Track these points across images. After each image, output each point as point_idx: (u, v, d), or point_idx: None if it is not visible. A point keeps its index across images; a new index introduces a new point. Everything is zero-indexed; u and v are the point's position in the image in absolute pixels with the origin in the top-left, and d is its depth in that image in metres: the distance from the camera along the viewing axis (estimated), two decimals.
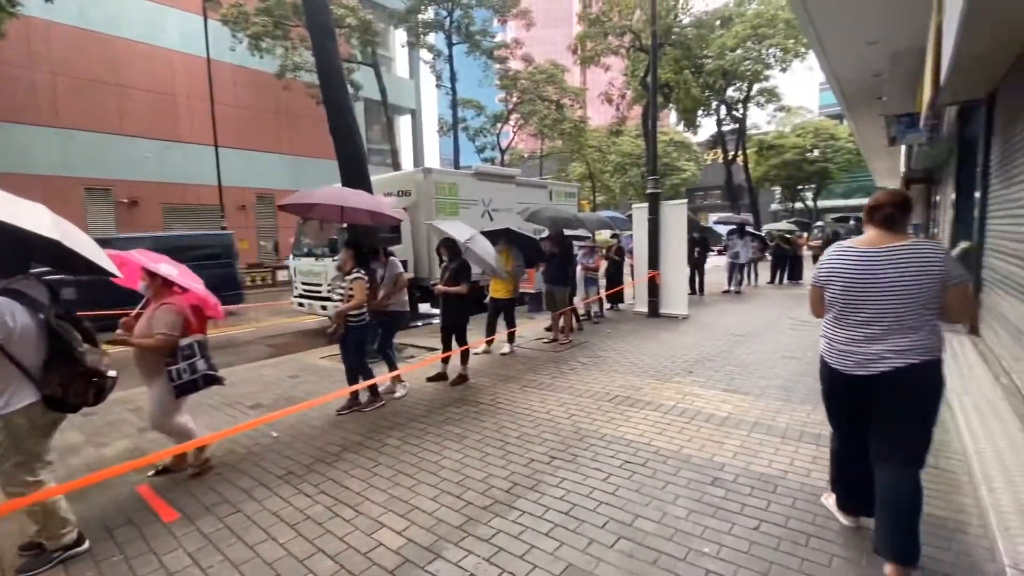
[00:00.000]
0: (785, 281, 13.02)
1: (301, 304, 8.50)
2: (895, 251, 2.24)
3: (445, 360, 5.13)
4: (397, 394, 4.72)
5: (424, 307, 9.01)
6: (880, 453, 2.26)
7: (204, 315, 3.15)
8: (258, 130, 19.82)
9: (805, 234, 14.36)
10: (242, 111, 19.29)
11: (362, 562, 2.51)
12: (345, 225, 5.19)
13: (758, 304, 10.20)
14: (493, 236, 6.24)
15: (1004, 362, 4.49)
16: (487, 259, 5.02)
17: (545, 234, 7.55)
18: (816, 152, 30.15)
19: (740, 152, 26.19)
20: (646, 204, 9.18)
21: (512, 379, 5.29)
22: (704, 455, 3.39)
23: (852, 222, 13.78)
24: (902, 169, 15.42)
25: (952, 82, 5.15)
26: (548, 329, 7.62)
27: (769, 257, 13.98)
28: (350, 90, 13.43)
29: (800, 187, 33.02)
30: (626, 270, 10.19)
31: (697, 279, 11.64)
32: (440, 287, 4.94)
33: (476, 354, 6.27)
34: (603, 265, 9.34)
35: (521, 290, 9.12)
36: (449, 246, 4.98)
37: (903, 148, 13.32)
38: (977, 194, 5.99)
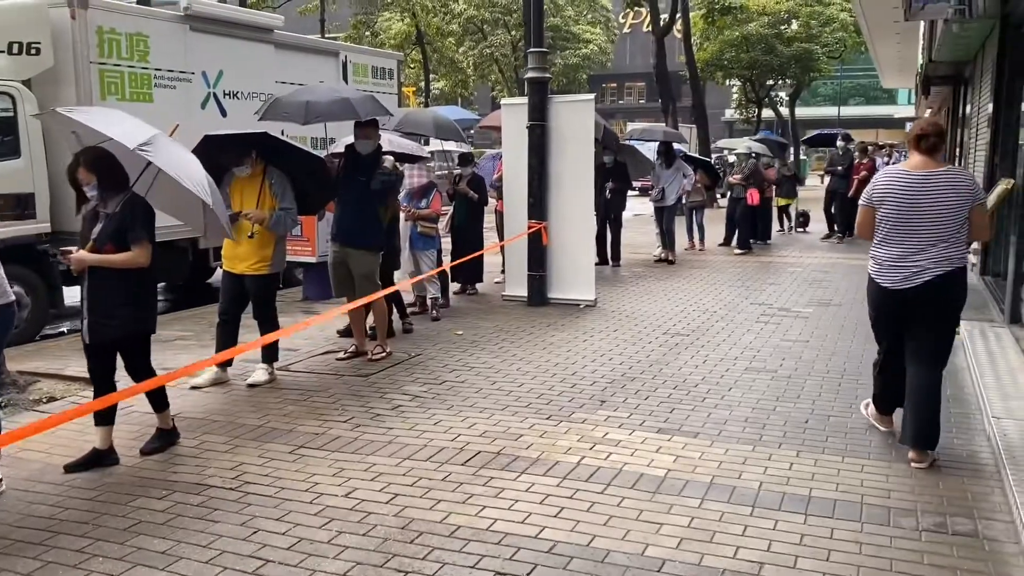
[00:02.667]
0: (741, 241, 14.46)
1: None
2: (937, 176, 4.34)
3: (104, 417, 4.64)
4: None
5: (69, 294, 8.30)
6: (915, 357, 4.53)
7: None
8: None
9: (772, 163, 15.93)
10: None
11: None
12: None
13: (706, 281, 11.23)
14: (226, 147, 5.98)
15: None
16: (190, 188, 4.58)
17: (339, 146, 7.33)
18: (796, 25, 33.98)
19: (678, 16, 28.33)
20: (523, 100, 9.44)
21: (274, 434, 5.12)
22: (630, 548, 3.57)
23: (842, 142, 15.40)
24: (919, 61, 18.15)
25: None
26: (344, 332, 7.53)
27: (721, 199, 15.40)
28: None
29: (771, 83, 37.02)
30: (488, 220, 10.44)
31: (610, 238, 12.41)
32: (80, 253, 4.44)
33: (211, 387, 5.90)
34: (446, 212, 9.43)
35: (292, 258, 8.89)
36: (99, 163, 4.46)
37: (921, 27, 15.62)
38: None
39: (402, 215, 8.14)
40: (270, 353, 6.28)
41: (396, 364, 6.71)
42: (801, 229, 17.90)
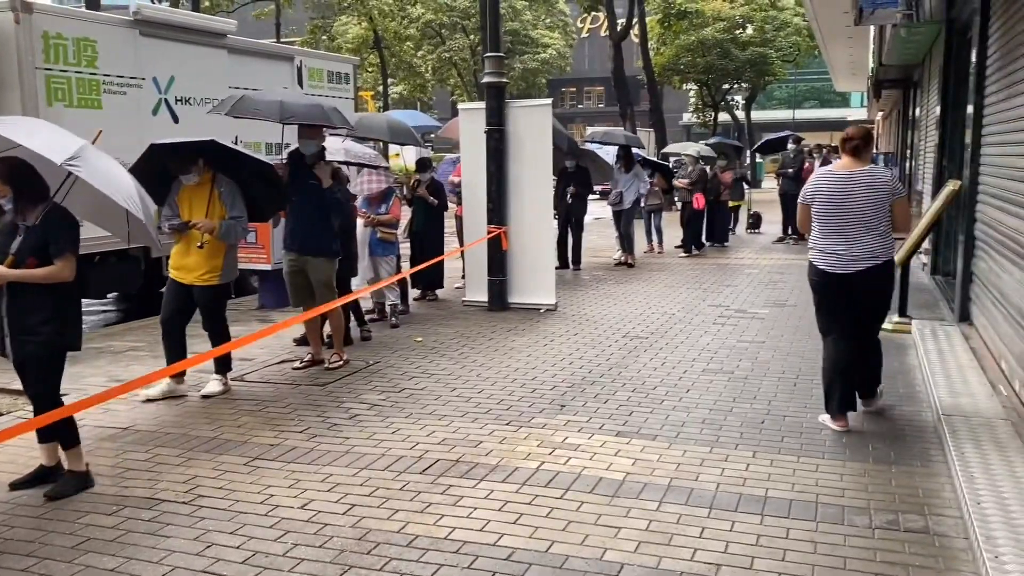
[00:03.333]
0: (686, 244, 14.61)
1: None
2: (860, 174, 4.99)
3: (47, 435, 4.40)
4: None
5: None
6: (857, 333, 5.15)
7: None
8: None
9: (725, 167, 16.06)
10: None
11: None
12: None
13: (664, 283, 11.32)
14: (173, 155, 5.83)
15: (1004, 364, 5.67)
16: (120, 203, 4.29)
17: (290, 151, 7.25)
18: (751, 30, 34.49)
19: (635, 21, 28.59)
20: (481, 105, 9.43)
21: (229, 445, 5.05)
22: (589, 552, 3.57)
23: (793, 144, 15.64)
24: (870, 65, 18.53)
25: None
26: (300, 341, 7.45)
27: (677, 202, 15.52)
28: None
29: (727, 86, 37.51)
30: (448, 225, 10.41)
31: (571, 242, 12.46)
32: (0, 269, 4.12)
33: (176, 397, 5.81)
34: (405, 216, 9.38)
35: (247, 265, 8.79)
36: (15, 173, 4.18)
37: (872, 31, 15.95)
38: (970, 108, 7.41)
39: (360, 221, 8.07)
40: (223, 364, 6.16)
41: (354, 372, 6.65)
42: (753, 230, 18.20)
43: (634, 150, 14.22)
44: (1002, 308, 5.89)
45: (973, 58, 7.46)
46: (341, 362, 6.78)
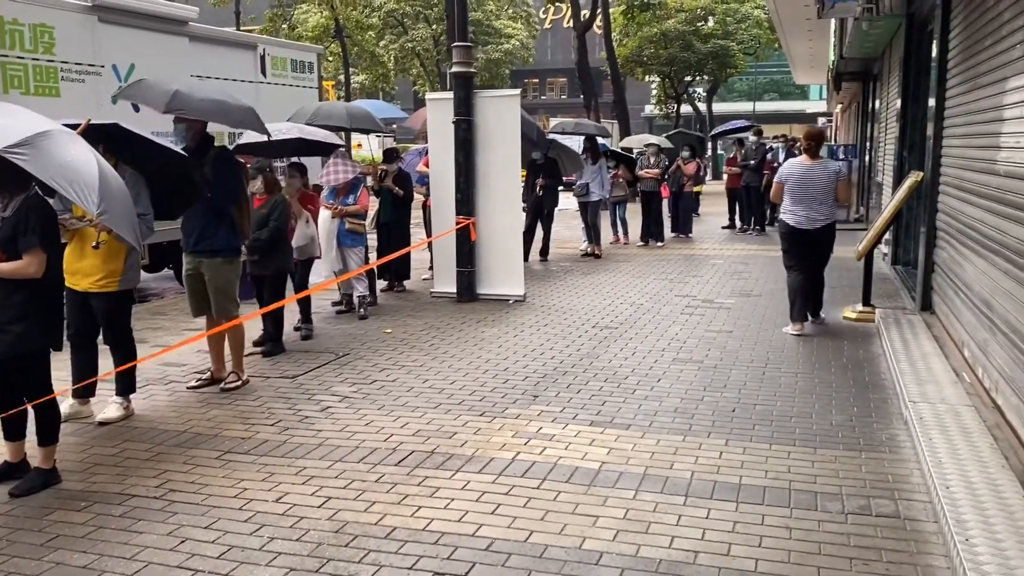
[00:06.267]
0: (648, 234, 14.76)
1: None
2: (816, 164, 7.51)
3: (13, 432, 4.25)
4: None
5: None
6: (809, 269, 7.58)
7: None
8: None
9: (689, 158, 16.17)
10: None
11: None
12: None
13: (632, 274, 11.37)
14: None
15: (966, 351, 5.79)
16: (66, 194, 3.92)
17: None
18: (712, 22, 34.73)
19: (598, 12, 28.60)
20: (448, 95, 9.37)
21: (199, 440, 4.98)
22: (568, 542, 3.58)
23: (754, 136, 15.94)
24: (831, 58, 18.78)
25: None
26: (259, 343, 7.27)
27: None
28: None
29: (689, 78, 37.74)
30: (415, 216, 10.35)
31: (540, 233, 12.46)
32: None
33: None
34: (372, 207, 9.30)
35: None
36: None
37: (832, 25, 16.14)
38: (931, 101, 7.53)
39: (328, 212, 7.98)
40: (126, 384, 5.39)
41: (324, 364, 6.58)
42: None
43: (599, 140, 14.24)
44: (964, 296, 6.00)
45: (934, 51, 7.58)
46: (239, 382, 6.00)
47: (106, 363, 5.42)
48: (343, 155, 8.51)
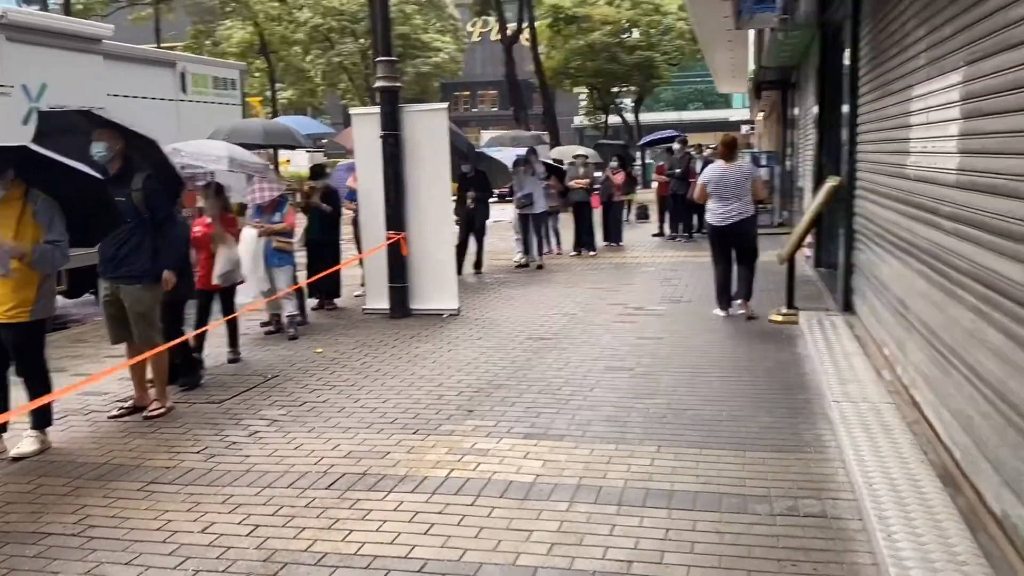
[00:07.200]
0: (582, 243, 14.88)
1: None
2: (733, 166, 8.48)
3: None
4: None
5: None
6: (738, 260, 8.57)
7: None
8: None
9: (617, 168, 16.44)
10: None
11: None
12: None
13: (565, 284, 11.43)
14: None
15: (886, 349, 5.96)
16: None
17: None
18: (637, 34, 35.35)
19: (525, 26, 28.86)
20: (375, 110, 9.30)
21: (120, 471, 4.80)
22: (501, 559, 3.55)
23: (679, 146, 16.52)
24: (750, 67, 19.25)
25: None
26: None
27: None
28: None
29: (616, 90, 38.32)
30: (345, 232, 10.22)
31: (473, 246, 12.42)
32: None
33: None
34: (298, 223, 9.14)
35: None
36: None
37: (751, 35, 16.56)
38: (845, 108, 7.77)
39: (253, 231, 7.81)
40: (41, 418, 5.16)
41: (252, 388, 6.42)
42: (641, 220, 20.49)
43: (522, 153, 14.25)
44: (882, 297, 6.18)
45: (846, 60, 7.82)
46: (163, 410, 5.76)
47: (20, 394, 5.19)
48: (268, 173, 8.36)
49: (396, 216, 9.01)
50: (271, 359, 7.36)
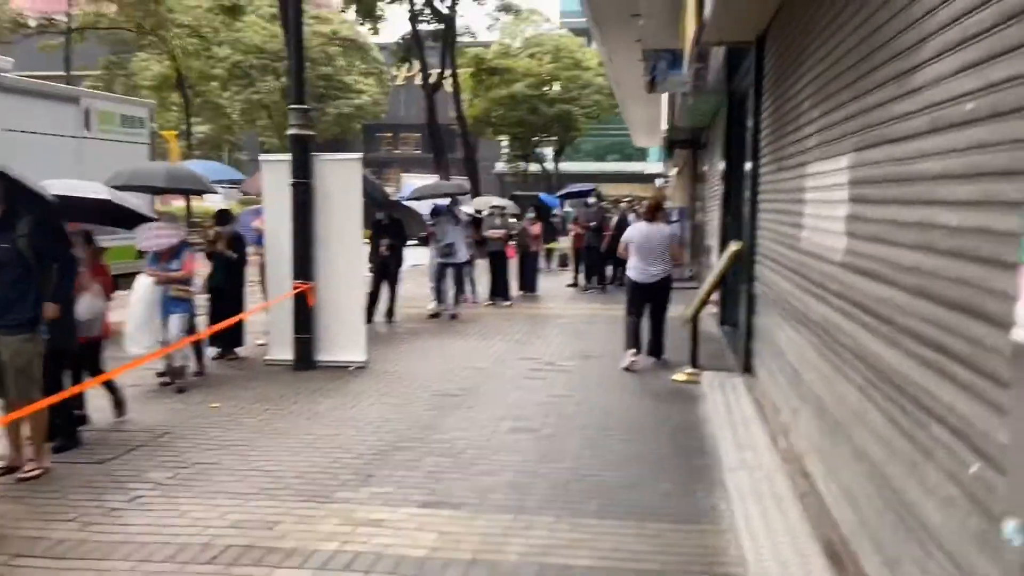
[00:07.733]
0: (498, 292, 14.94)
1: None
2: (655, 227, 9.12)
3: None
4: None
5: None
6: (650, 315, 9.27)
7: None
8: None
9: (533, 219, 16.88)
10: None
11: None
12: None
13: (477, 335, 11.37)
14: None
15: (782, 415, 6.08)
16: None
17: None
18: (557, 87, 36.11)
19: (448, 72, 29.11)
20: (285, 157, 9.13)
21: None
22: None
23: (593, 199, 17.33)
24: (664, 126, 19.83)
25: (718, 17, 6.76)
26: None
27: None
28: None
29: (536, 139, 38.93)
30: (250, 278, 9.94)
31: (386, 294, 12.25)
32: None
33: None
34: (199, 271, 8.83)
35: None
36: None
37: (665, 98, 17.07)
38: (748, 175, 8.00)
39: (149, 279, 7.51)
40: None
41: (139, 447, 6.09)
42: (563, 267, 21.19)
43: (441, 202, 14.22)
44: (779, 362, 6.33)
45: (749, 130, 8.09)
46: (39, 470, 5.42)
47: None
48: (166, 218, 8.07)
49: (304, 266, 8.82)
50: (163, 414, 7.03)
